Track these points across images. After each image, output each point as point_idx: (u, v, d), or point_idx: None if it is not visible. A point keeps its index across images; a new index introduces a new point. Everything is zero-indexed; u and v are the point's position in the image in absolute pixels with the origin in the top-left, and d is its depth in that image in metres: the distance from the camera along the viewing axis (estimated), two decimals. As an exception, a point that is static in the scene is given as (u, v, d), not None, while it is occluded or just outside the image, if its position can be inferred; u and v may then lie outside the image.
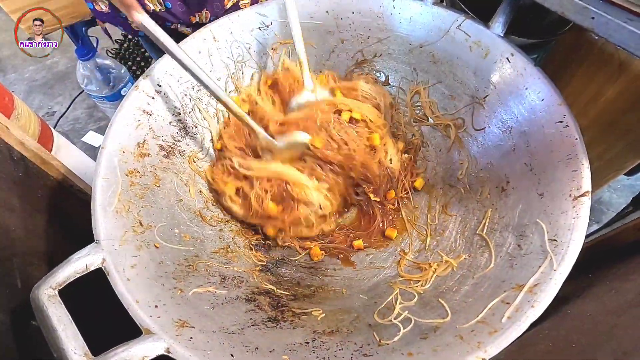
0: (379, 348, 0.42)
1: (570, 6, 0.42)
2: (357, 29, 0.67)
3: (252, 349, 0.41)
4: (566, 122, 0.46)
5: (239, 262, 0.58)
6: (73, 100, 1.49)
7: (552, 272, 0.38)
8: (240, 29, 0.65)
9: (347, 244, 0.63)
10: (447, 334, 0.41)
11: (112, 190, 0.48)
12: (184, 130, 0.62)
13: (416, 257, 0.57)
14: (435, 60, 0.63)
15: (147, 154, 0.55)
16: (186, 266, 0.50)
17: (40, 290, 0.39)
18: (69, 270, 0.41)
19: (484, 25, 0.56)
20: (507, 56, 0.54)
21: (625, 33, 0.39)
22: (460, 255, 0.52)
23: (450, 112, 0.64)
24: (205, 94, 0.64)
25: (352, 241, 0.62)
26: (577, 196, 0.42)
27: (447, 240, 0.56)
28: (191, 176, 0.61)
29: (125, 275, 0.42)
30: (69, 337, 0.37)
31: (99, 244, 0.43)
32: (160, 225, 0.52)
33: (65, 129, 1.44)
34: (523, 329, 0.36)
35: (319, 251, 0.61)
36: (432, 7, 0.60)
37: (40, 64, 1.67)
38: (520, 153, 0.51)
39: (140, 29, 0.52)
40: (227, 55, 0.66)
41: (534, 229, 0.44)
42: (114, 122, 0.53)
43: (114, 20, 0.75)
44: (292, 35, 0.61)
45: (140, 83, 0.57)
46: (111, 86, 1.16)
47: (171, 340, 0.37)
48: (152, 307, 0.40)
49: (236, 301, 0.50)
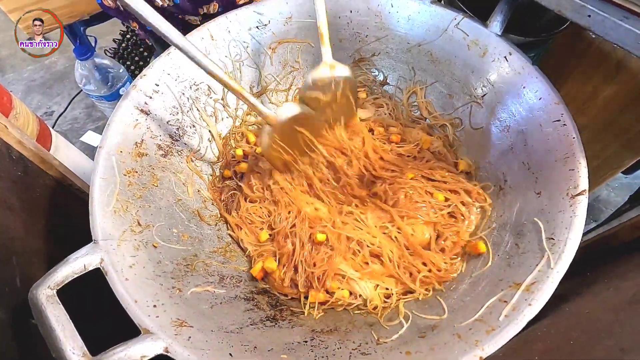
0: (377, 347, 0.42)
1: (567, 4, 0.42)
2: (355, 28, 0.67)
3: (251, 348, 0.41)
4: (564, 121, 0.47)
5: (237, 261, 0.58)
6: (71, 100, 1.49)
7: (549, 271, 0.38)
8: (238, 27, 0.65)
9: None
10: (445, 332, 0.41)
11: (110, 189, 0.48)
12: (182, 129, 0.62)
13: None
14: (433, 59, 0.63)
15: (145, 154, 0.55)
16: (185, 266, 0.51)
17: (39, 290, 0.39)
18: (67, 270, 0.41)
19: (481, 24, 0.56)
20: (505, 55, 0.54)
21: (621, 31, 0.39)
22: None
23: (448, 111, 0.64)
24: (203, 93, 0.64)
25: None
26: (574, 195, 0.42)
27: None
28: (189, 176, 0.61)
29: (123, 275, 0.42)
30: (67, 337, 0.37)
31: (97, 243, 0.43)
32: (159, 224, 0.52)
33: (64, 129, 1.44)
34: (520, 327, 0.36)
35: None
36: (430, 5, 0.60)
37: (39, 64, 1.66)
38: (518, 152, 0.51)
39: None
40: (225, 54, 0.65)
41: (531, 227, 0.44)
42: (112, 121, 0.53)
43: (121, 14, 0.74)
44: (315, 5, 0.55)
45: (138, 82, 0.57)
46: (109, 86, 1.16)
47: (170, 339, 0.37)
48: (150, 307, 0.40)
49: (235, 300, 0.50)
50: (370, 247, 0.52)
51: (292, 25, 0.67)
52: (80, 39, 1.05)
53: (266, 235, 0.58)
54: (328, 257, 0.52)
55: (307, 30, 0.65)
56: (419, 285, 0.50)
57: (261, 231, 0.58)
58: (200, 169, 0.63)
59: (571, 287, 0.44)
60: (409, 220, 0.53)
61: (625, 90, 0.58)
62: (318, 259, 0.52)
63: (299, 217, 0.56)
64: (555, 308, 0.41)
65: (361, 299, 0.51)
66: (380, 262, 0.52)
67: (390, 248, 0.52)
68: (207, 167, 0.65)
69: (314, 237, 0.53)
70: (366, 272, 0.51)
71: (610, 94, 0.60)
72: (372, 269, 0.51)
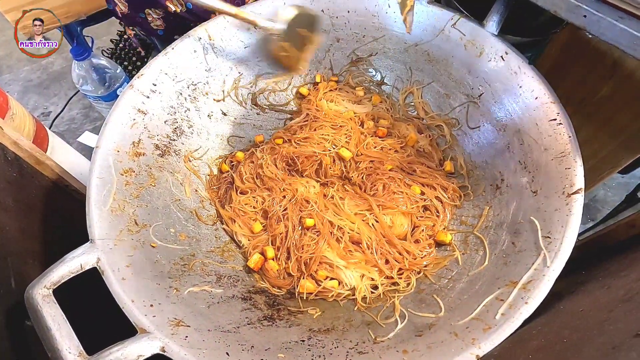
0: (375, 345, 0.42)
1: (562, 5, 0.43)
2: (353, 28, 0.67)
3: (248, 347, 0.41)
4: (560, 120, 0.47)
5: (235, 260, 0.58)
6: (69, 100, 1.49)
7: (545, 269, 0.38)
8: (236, 27, 0.65)
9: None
10: (441, 330, 0.41)
11: (107, 189, 0.48)
12: (180, 129, 0.62)
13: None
14: (430, 58, 0.63)
15: (142, 153, 0.55)
16: (182, 265, 0.50)
17: (35, 290, 0.39)
18: (63, 269, 0.40)
19: (478, 24, 0.57)
20: (502, 55, 0.54)
21: (616, 31, 0.39)
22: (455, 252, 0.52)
23: (445, 111, 0.64)
24: (200, 93, 0.64)
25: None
26: (570, 193, 0.42)
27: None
28: (187, 175, 0.61)
29: (120, 275, 0.42)
30: (63, 337, 0.37)
31: (93, 243, 0.43)
32: (156, 224, 0.52)
33: (61, 129, 1.44)
34: (517, 325, 0.36)
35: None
36: (427, 5, 0.60)
37: (36, 64, 1.66)
38: (515, 151, 0.52)
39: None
40: (224, 54, 0.65)
41: (527, 226, 0.44)
42: (109, 121, 0.53)
43: (133, 21, 0.75)
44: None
45: (135, 82, 0.57)
46: (107, 86, 1.16)
47: (166, 339, 0.37)
48: (147, 307, 0.40)
49: (232, 300, 0.50)
50: (350, 233, 0.55)
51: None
52: (77, 39, 1.04)
53: (259, 226, 0.59)
54: (315, 242, 0.54)
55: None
56: (396, 273, 0.52)
57: (254, 222, 0.59)
58: (198, 169, 0.63)
59: (566, 285, 0.44)
60: (387, 211, 0.56)
61: (621, 90, 0.58)
62: (305, 243, 0.54)
63: (292, 201, 0.59)
64: (550, 306, 0.41)
65: (349, 289, 0.53)
66: (361, 250, 0.54)
67: (369, 234, 0.54)
68: (205, 166, 0.65)
69: (303, 222, 0.56)
70: (352, 262, 0.53)
71: (606, 94, 0.61)
72: (356, 258, 0.53)
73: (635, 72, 0.54)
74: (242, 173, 0.63)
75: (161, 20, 0.71)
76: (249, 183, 0.63)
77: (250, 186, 0.62)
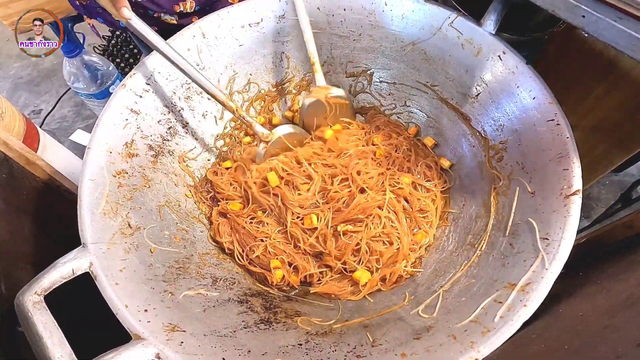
0: (373, 349, 0.42)
1: (561, 4, 0.42)
2: (349, 26, 0.66)
3: (245, 352, 0.41)
4: (557, 121, 0.47)
5: (231, 263, 0.57)
6: (60, 98, 1.46)
7: (543, 271, 0.38)
8: (230, 25, 0.64)
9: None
10: (440, 333, 0.40)
11: (99, 191, 0.47)
12: (173, 129, 0.61)
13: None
14: (427, 57, 0.63)
15: (135, 154, 0.54)
16: (177, 268, 0.50)
17: (25, 297, 0.38)
18: (54, 275, 0.39)
19: (475, 23, 0.56)
20: (499, 54, 0.54)
21: (614, 31, 0.39)
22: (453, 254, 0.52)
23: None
24: (195, 92, 0.63)
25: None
26: (568, 195, 0.42)
27: (439, 239, 0.56)
28: (181, 176, 0.60)
29: (113, 279, 0.41)
30: (55, 345, 0.36)
31: (86, 247, 0.42)
32: (150, 227, 0.51)
33: (52, 128, 1.41)
34: (515, 328, 0.36)
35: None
36: (424, 4, 0.60)
37: (26, 61, 1.62)
38: (512, 151, 0.51)
39: (127, 26, 0.50)
40: (217, 53, 0.64)
41: (525, 227, 0.44)
42: (101, 121, 0.51)
43: (93, 12, 0.72)
44: (304, 35, 0.62)
45: (127, 81, 0.55)
46: (99, 83, 1.14)
47: (161, 345, 0.37)
48: (141, 312, 0.40)
49: (228, 303, 0.49)
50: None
51: (285, 23, 0.66)
52: (68, 36, 1.02)
53: (238, 205, 0.60)
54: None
55: (299, 28, 0.64)
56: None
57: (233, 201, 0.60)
58: (192, 170, 0.62)
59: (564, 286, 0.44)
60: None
61: (617, 89, 0.58)
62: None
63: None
64: (549, 310, 0.41)
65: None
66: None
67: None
68: (200, 167, 0.64)
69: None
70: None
71: (601, 93, 0.61)
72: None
73: (631, 71, 0.54)
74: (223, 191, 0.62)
75: None
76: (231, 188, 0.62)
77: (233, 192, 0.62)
